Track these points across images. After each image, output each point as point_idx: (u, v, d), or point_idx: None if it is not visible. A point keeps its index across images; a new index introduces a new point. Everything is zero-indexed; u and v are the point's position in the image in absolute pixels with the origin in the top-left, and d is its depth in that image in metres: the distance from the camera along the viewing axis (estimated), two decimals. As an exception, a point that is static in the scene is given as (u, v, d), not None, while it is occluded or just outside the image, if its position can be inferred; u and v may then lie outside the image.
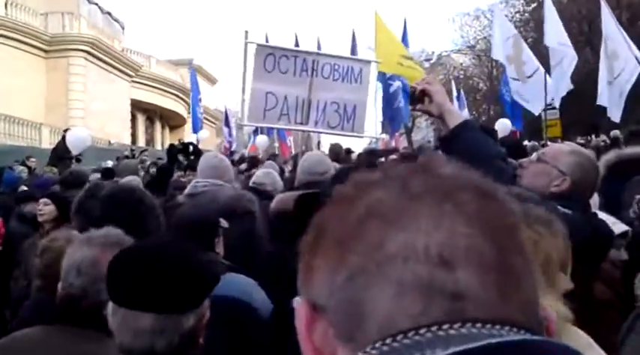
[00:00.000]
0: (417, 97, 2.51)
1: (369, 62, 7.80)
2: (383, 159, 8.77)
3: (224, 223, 3.07)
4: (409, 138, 27.24)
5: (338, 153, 9.55)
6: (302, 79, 6.63)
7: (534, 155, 2.66)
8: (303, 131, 7.60)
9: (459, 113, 2.60)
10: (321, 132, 7.57)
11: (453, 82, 28.10)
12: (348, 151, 19.22)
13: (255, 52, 6.71)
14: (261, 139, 20.72)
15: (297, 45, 19.46)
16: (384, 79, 15.18)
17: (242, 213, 3.90)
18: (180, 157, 7.93)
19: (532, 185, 2.41)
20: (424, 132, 50.33)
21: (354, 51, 18.63)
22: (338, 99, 6.78)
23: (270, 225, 4.05)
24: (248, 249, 3.74)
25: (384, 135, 18.02)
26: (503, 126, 16.12)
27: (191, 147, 8.29)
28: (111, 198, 2.71)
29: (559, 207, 2.15)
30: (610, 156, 3.87)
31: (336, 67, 6.83)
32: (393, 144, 22.76)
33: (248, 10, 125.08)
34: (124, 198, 2.74)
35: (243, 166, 12.36)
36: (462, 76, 44.17)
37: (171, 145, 8.87)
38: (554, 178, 2.47)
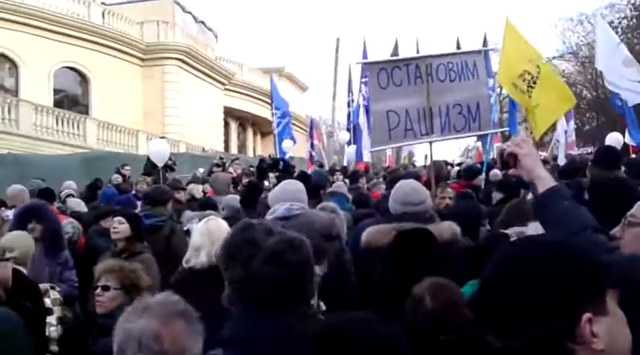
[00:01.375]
0: (506, 160, 2.32)
1: (480, 52, 7.44)
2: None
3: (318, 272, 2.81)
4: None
5: (440, 170, 8.81)
6: (418, 86, 6.46)
7: (623, 220, 2.38)
8: (431, 142, 7.03)
9: (549, 179, 2.30)
10: (449, 139, 7.16)
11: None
12: (446, 164, 18.33)
13: (369, 72, 6.70)
14: (351, 149, 20.08)
15: (396, 49, 18.75)
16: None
17: (335, 235, 4.15)
18: (270, 174, 7.60)
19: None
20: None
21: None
22: (460, 101, 6.58)
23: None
24: (341, 269, 4.12)
25: (479, 144, 17.18)
26: (616, 140, 14.88)
27: (281, 164, 7.82)
28: (277, 256, 2.13)
29: None
30: None
31: (450, 66, 6.61)
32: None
33: (341, 16, 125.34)
34: (289, 259, 2.15)
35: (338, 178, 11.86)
36: (565, 83, 42.28)
37: (261, 160, 8.44)
38: None
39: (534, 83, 12.13)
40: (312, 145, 25.53)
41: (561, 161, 18.94)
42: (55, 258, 5.36)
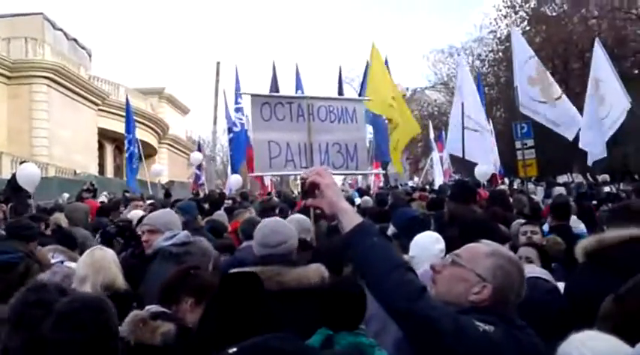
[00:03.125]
0: (306, 190, 2.22)
1: (361, 101, 8.10)
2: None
3: None
4: (385, 174, 26.62)
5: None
6: (300, 124, 6.78)
7: (448, 257, 2.32)
8: None
9: (353, 213, 2.22)
10: None
11: (429, 120, 27.89)
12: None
13: (251, 103, 6.83)
14: (235, 179, 19.85)
15: (274, 74, 18.64)
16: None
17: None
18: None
19: (447, 293, 2.16)
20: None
21: (340, 84, 17.96)
22: (339, 140, 6.94)
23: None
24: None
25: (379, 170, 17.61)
26: (484, 172, 15.38)
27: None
28: (70, 318, 1.92)
29: (479, 324, 1.96)
30: (590, 242, 3.31)
31: (331, 108, 6.99)
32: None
33: (221, 39, 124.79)
34: (86, 320, 1.94)
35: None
36: (436, 113, 44.09)
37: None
38: (472, 285, 2.14)
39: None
40: (199, 167, 24.91)
41: (436, 186, 19.44)
42: None
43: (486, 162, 14.68)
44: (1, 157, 26.98)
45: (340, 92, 17.63)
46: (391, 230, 5.83)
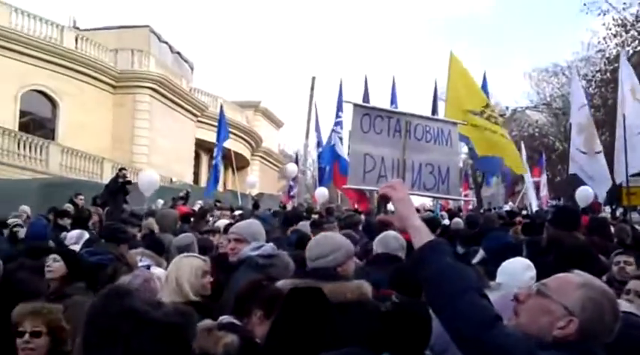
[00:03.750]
0: (378, 203, 1.73)
1: (455, 124, 7.83)
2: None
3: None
4: (478, 195, 26.01)
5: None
6: (396, 140, 6.70)
7: (534, 286, 2.15)
8: None
9: (425, 231, 2.10)
10: (418, 195, 7.50)
11: (522, 142, 26.77)
12: None
13: (353, 113, 6.69)
14: (320, 191, 19.92)
15: (366, 88, 18.60)
16: None
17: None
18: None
19: (529, 326, 1.99)
20: (493, 189, 48.61)
21: (435, 100, 17.70)
22: (432, 161, 6.83)
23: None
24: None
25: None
26: (585, 195, 14.65)
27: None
28: (168, 331, 1.73)
29: None
30: None
31: (428, 128, 6.89)
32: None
33: (317, 54, 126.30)
34: (183, 333, 1.78)
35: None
36: (537, 134, 42.61)
37: None
38: (558, 318, 1.97)
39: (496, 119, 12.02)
40: (294, 179, 25.17)
41: (533, 210, 18.82)
42: None
43: (604, 185, 13.67)
44: (103, 163, 28.21)
45: (434, 108, 17.30)
46: (480, 255, 5.57)
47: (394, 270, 4.53)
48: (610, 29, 34.66)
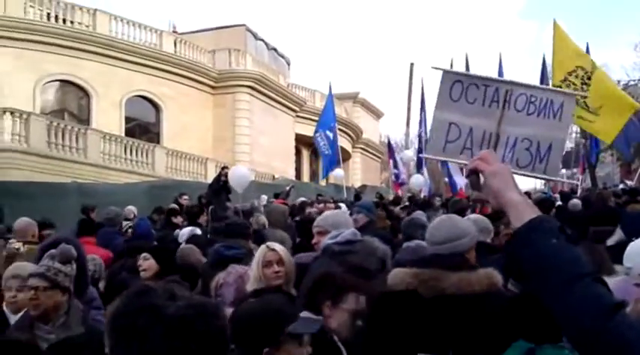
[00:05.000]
0: (470, 180, 1.92)
1: (572, 95, 6.63)
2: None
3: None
4: (593, 175, 24.65)
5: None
6: (491, 110, 5.85)
7: None
8: None
9: (527, 207, 1.73)
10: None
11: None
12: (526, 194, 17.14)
13: (441, 79, 5.92)
14: (416, 179, 19.21)
15: (467, 68, 17.76)
16: None
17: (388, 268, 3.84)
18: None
19: None
20: (609, 167, 46.16)
21: (544, 74, 16.62)
22: (531, 136, 5.87)
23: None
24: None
25: (564, 171, 16.06)
26: None
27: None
28: (183, 325, 1.65)
29: None
30: None
31: (533, 99, 5.88)
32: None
33: (414, 41, 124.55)
34: (200, 327, 1.67)
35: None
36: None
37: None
38: None
39: (589, 78, 11.26)
40: (395, 165, 24.54)
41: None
42: (79, 298, 4.74)
43: None
44: (206, 163, 28.61)
45: (543, 82, 16.21)
46: (619, 235, 5.09)
47: (507, 256, 4.15)
48: None
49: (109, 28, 28.56)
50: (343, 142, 43.24)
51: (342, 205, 14.42)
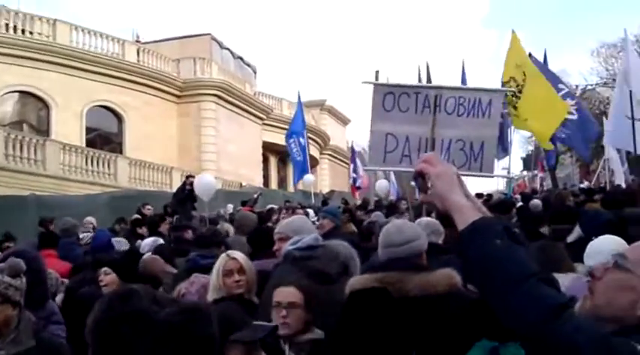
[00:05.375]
0: (419, 184, 1.84)
1: (500, 92, 7.17)
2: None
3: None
4: (553, 176, 24.94)
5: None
6: (424, 116, 6.35)
7: (611, 258, 1.79)
8: None
9: (471, 209, 1.72)
10: None
11: (603, 117, 25.45)
12: (479, 196, 17.20)
13: (373, 92, 6.41)
14: (381, 184, 19.10)
15: (428, 77, 17.61)
16: None
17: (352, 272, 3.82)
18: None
19: (608, 306, 1.73)
20: (569, 169, 46.81)
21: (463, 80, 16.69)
22: (464, 137, 6.40)
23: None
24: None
25: (525, 173, 16.26)
26: None
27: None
28: (175, 332, 1.59)
29: None
30: None
31: (462, 100, 6.42)
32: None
33: (380, 49, 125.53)
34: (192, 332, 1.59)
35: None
36: (608, 111, 40.69)
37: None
38: None
39: (519, 92, 11.48)
40: (354, 170, 24.40)
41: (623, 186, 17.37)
42: (37, 312, 4.51)
43: None
44: (171, 172, 28.19)
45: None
46: (576, 233, 5.13)
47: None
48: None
49: (70, 38, 28.04)
50: (311, 149, 43.10)
51: (310, 211, 14.25)
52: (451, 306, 2.99)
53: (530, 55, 13.29)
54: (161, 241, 7.78)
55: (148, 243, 7.56)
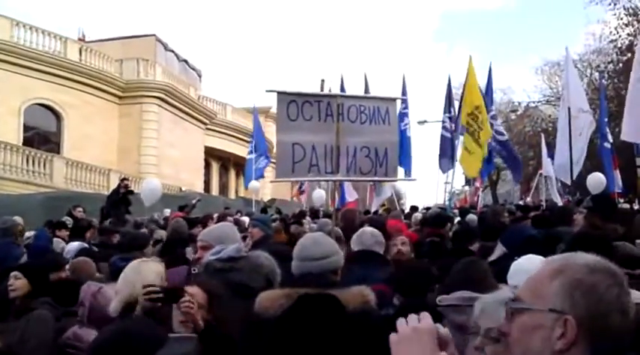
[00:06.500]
0: None
1: (394, 100, 7.41)
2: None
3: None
4: (493, 192, 25.46)
5: (351, 220, 8.39)
6: (327, 124, 6.42)
7: (506, 306, 1.59)
8: (334, 181, 7.41)
9: None
10: (353, 180, 7.73)
11: (542, 135, 26.12)
12: (414, 209, 17.61)
13: (277, 101, 6.40)
14: (317, 193, 19.26)
15: (367, 88, 17.90)
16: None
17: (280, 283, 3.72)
18: None
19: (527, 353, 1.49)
20: (509, 185, 47.87)
21: (449, 96, 17.08)
22: (368, 143, 6.56)
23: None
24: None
25: (466, 188, 16.69)
26: (597, 181, 14.04)
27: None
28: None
29: None
30: None
31: (362, 108, 6.60)
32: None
33: (326, 55, 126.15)
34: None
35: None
36: (550, 128, 41.81)
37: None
38: (551, 328, 1.45)
39: (479, 131, 12.27)
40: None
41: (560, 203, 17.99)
42: None
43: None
44: (109, 174, 27.78)
45: (449, 103, 16.66)
46: (499, 250, 5.09)
47: (397, 270, 4.41)
48: (621, 19, 33.85)
49: (10, 33, 27.42)
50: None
51: (246, 219, 14.24)
52: (364, 324, 2.88)
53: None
54: (85, 245, 7.64)
55: (72, 248, 7.40)
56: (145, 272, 3.66)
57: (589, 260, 1.52)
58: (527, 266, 3.45)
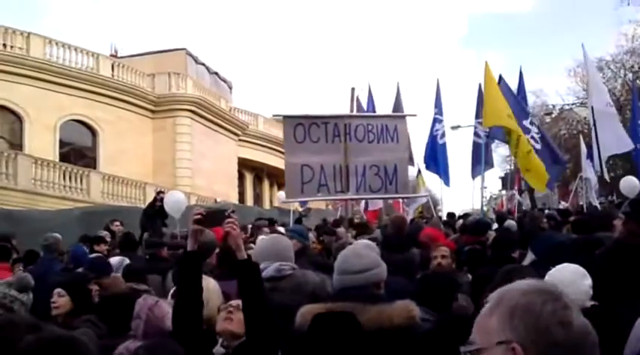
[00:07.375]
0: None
1: (403, 117, 7.54)
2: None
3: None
4: (532, 196, 24.95)
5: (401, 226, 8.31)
6: (335, 145, 6.53)
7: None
8: (345, 200, 7.53)
9: None
10: (363, 199, 7.92)
11: (581, 137, 25.45)
12: (451, 216, 17.24)
13: (284, 125, 6.58)
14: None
15: (398, 95, 17.60)
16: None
17: (324, 298, 3.38)
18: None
19: None
20: (547, 188, 46.84)
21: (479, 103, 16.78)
22: (377, 162, 6.65)
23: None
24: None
25: (503, 192, 16.28)
26: (630, 185, 13.62)
27: None
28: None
29: None
30: None
31: (370, 127, 6.70)
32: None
33: (357, 66, 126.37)
34: None
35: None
36: (586, 130, 41.00)
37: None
38: None
39: (518, 141, 11.59)
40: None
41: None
42: None
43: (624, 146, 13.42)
44: (145, 188, 27.95)
45: (478, 111, 16.33)
46: (529, 258, 5.04)
47: (420, 282, 4.33)
48: (655, 17, 33.26)
49: (44, 51, 27.85)
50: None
51: (282, 229, 14.08)
52: (408, 340, 2.83)
53: (500, 78, 13.26)
54: (127, 261, 7.57)
55: (114, 263, 7.18)
56: (211, 291, 3.57)
57: (522, 285, 1.55)
58: (559, 276, 3.41)
